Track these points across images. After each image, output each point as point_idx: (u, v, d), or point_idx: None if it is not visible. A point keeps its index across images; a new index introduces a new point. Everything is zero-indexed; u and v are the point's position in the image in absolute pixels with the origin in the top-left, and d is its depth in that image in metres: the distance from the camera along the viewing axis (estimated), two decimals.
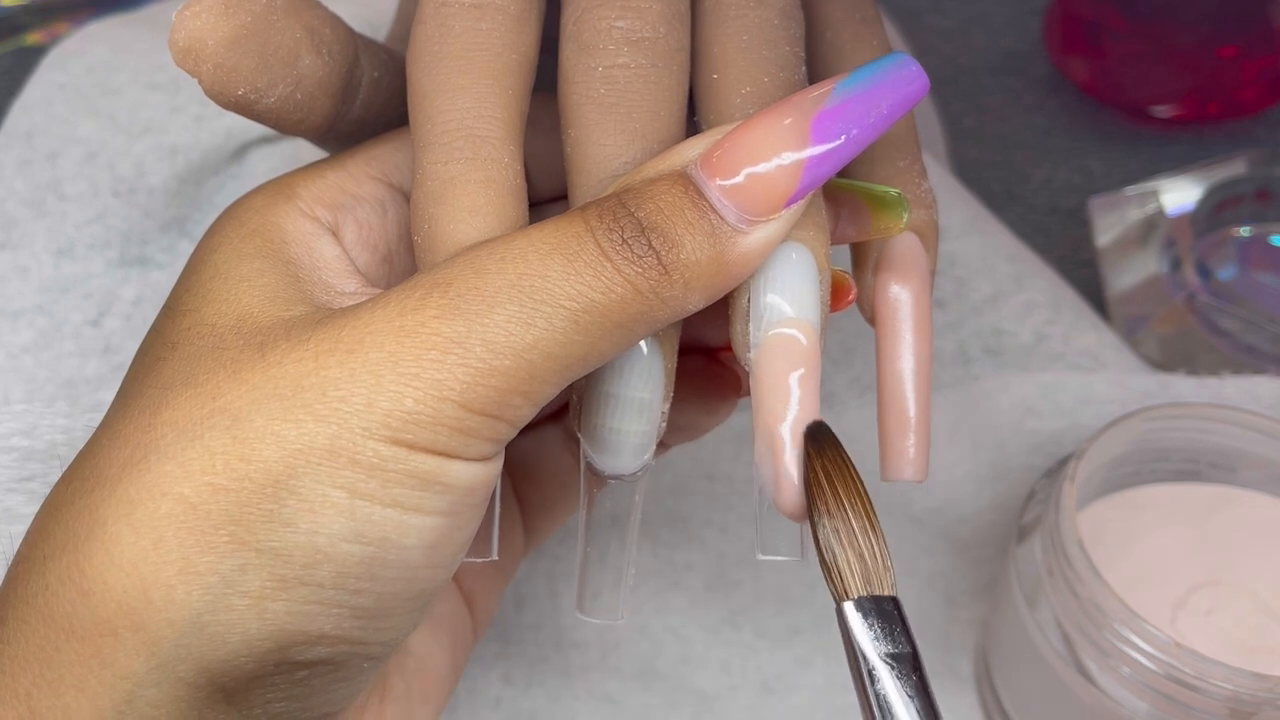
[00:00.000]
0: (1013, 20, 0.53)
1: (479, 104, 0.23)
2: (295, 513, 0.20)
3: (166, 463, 0.20)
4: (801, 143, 0.21)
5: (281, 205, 0.24)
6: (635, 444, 0.23)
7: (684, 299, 0.21)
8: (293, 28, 0.24)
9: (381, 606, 0.21)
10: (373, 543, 0.20)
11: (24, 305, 0.38)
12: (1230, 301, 0.39)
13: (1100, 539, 0.32)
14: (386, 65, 0.26)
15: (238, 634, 0.20)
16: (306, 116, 0.25)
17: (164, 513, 0.20)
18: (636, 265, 0.20)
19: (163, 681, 0.20)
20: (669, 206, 0.21)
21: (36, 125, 0.40)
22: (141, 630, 0.20)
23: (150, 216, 0.39)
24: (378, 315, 0.20)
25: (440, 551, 0.21)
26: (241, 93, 0.23)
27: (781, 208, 0.21)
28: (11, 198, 0.39)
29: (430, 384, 0.20)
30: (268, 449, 0.20)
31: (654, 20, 0.23)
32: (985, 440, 0.36)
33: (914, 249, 0.26)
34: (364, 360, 0.20)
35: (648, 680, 0.34)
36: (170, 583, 0.20)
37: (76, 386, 0.37)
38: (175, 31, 0.23)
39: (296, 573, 0.20)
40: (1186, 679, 0.27)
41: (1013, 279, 0.38)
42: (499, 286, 0.20)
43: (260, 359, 0.21)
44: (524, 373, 0.20)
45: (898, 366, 0.25)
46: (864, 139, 0.22)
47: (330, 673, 0.21)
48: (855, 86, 0.22)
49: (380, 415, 0.20)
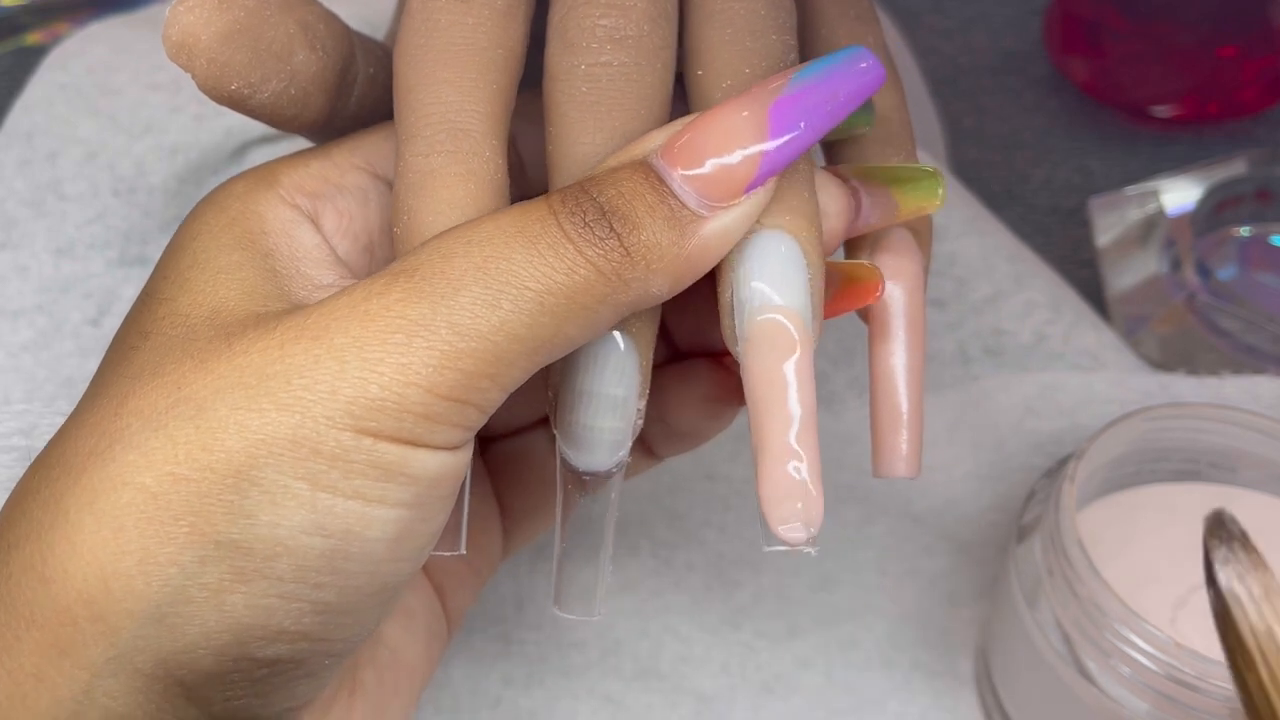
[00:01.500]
0: (1013, 20, 0.53)
1: (462, 97, 0.23)
2: (256, 504, 0.20)
3: (130, 452, 0.20)
4: (759, 131, 0.21)
5: (262, 192, 0.24)
6: (610, 441, 0.23)
7: (646, 281, 0.21)
8: (286, 23, 0.24)
9: (344, 601, 0.21)
10: (334, 535, 0.20)
11: (24, 305, 0.38)
12: (1230, 301, 0.39)
13: (1100, 539, 0.32)
14: (382, 62, 0.26)
15: (196, 626, 0.20)
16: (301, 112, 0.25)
17: (125, 502, 0.20)
18: (598, 247, 0.21)
19: (120, 672, 0.20)
20: (630, 191, 0.21)
21: (37, 125, 0.40)
22: (100, 620, 0.20)
23: (150, 216, 0.39)
24: (342, 301, 0.20)
25: (405, 545, 0.21)
26: (235, 88, 0.23)
27: (741, 193, 0.21)
28: (11, 197, 0.39)
29: (395, 368, 0.20)
30: (230, 439, 0.20)
31: (638, 18, 0.23)
32: (985, 440, 0.36)
33: (908, 245, 0.26)
34: (329, 346, 0.20)
35: (648, 680, 0.34)
36: (130, 573, 0.19)
37: (76, 385, 0.37)
38: (169, 26, 0.23)
39: (256, 565, 0.20)
40: (1187, 679, 0.27)
41: (1013, 279, 0.38)
42: (464, 269, 0.20)
43: (227, 348, 0.21)
44: (490, 355, 0.20)
45: (890, 363, 0.25)
46: (821, 127, 0.22)
47: (291, 670, 0.21)
48: (811, 76, 0.22)
49: (344, 403, 0.20)
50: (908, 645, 0.35)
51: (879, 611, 0.36)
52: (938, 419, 0.37)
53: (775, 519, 0.22)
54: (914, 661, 0.35)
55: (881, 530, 0.37)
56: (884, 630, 0.35)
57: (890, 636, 0.35)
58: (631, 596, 0.36)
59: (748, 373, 0.22)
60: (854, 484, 0.37)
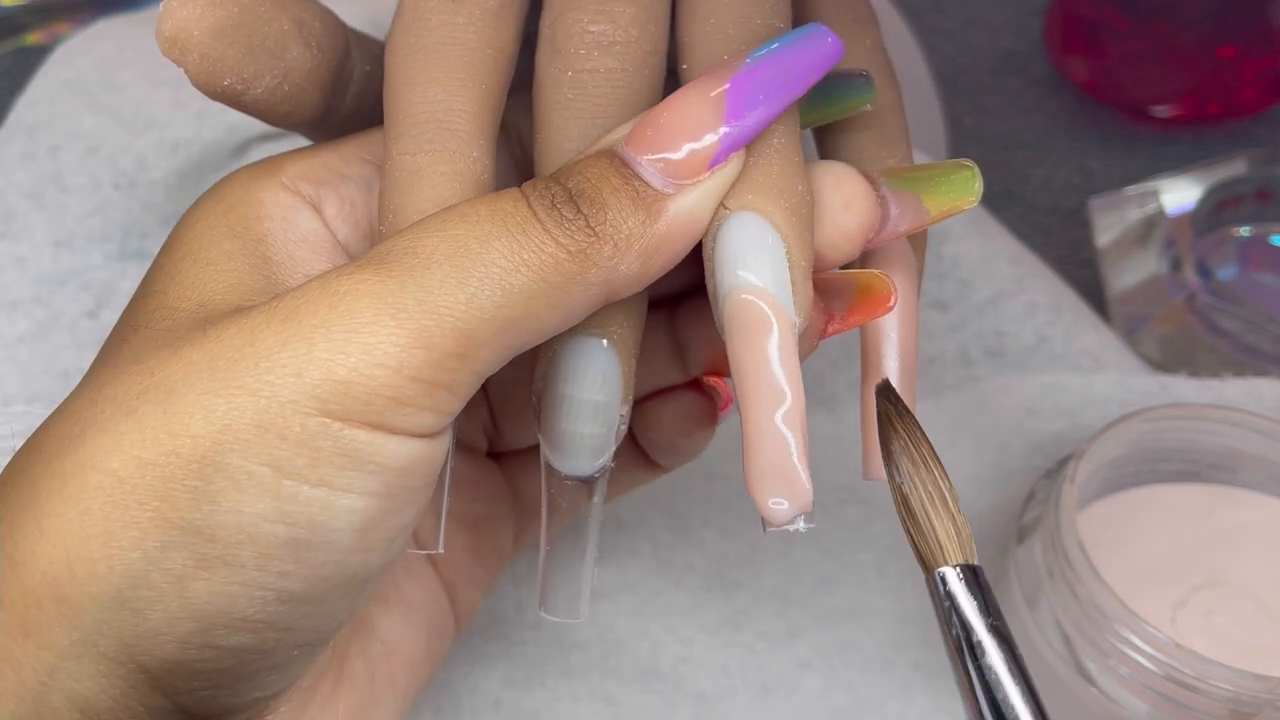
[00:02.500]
0: (1013, 20, 0.53)
1: (450, 97, 0.23)
2: (220, 490, 0.19)
3: (101, 436, 0.20)
4: (717, 109, 0.22)
5: (264, 179, 0.24)
6: (592, 446, 0.23)
7: (615, 260, 0.21)
8: (280, 19, 0.24)
9: (309, 591, 0.20)
10: (298, 524, 0.20)
11: (21, 296, 0.38)
12: (1230, 301, 0.39)
13: (1100, 539, 0.32)
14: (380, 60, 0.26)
15: (158, 611, 0.20)
16: (295, 109, 0.25)
17: (93, 486, 0.20)
18: (565, 226, 0.21)
19: (84, 655, 0.20)
20: (595, 176, 0.21)
21: (40, 119, 0.40)
22: (64, 602, 0.20)
23: (150, 210, 0.39)
24: (314, 284, 0.20)
25: (372, 535, 0.21)
26: (228, 83, 0.24)
27: (705, 170, 0.22)
28: (12, 189, 0.39)
29: (362, 348, 0.20)
30: (196, 424, 0.19)
31: (626, 24, 0.23)
32: (986, 441, 0.37)
33: (901, 248, 0.26)
34: (297, 327, 0.20)
35: (648, 681, 0.34)
36: (94, 556, 0.19)
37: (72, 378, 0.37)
38: (162, 21, 0.23)
39: (219, 552, 0.20)
40: (1186, 680, 0.27)
41: (1014, 281, 0.38)
42: (434, 248, 0.20)
43: (201, 335, 0.21)
44: (459, 333, 0.20)
45: (882, 366, 0.26)
46: (779, 102, 0.22)
47: (258, 660, 0.21)
48: (766, 53, 0.22)
49: (310, 386, 0.19)
50: (908, 646, 0.35)
51: (879, 612, 0.36)
52: (938, 420, 0.37)
53: (760, 499, 0.22)
54: (914, 662, 0.35)
55: (881, 531, 0.37)
56: (884, 631, 0.35)
57: (890, 637, 0.35)
58: (631, 597, 0.36)
59: (730, 356, 0.22)
60: (854, 485, 0.37)
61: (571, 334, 0.23)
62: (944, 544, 0.22)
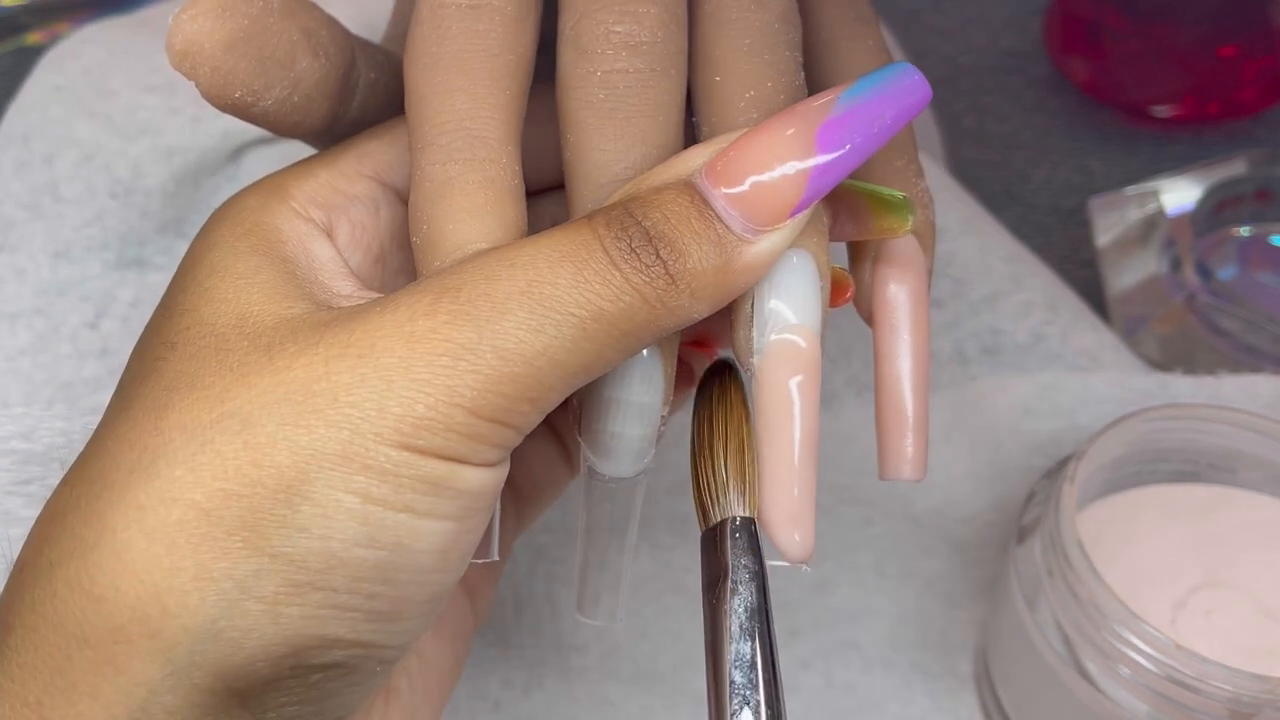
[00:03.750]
0: (1013, 20, 0.53)
1: (477, 105, 0.23)
2: (308, 518, 0.20)
3: (176, 468, 0.20)
4: (806, 152, 0.21)
5: (276, 205, 0.24)
6: (636, 448, 0.23)
7: (690, 308, 0.21)
8: (289, 30, 0.24)
9: (395, 610, 0.21)
10: (386, 547, 0.20)
11: (21, 307, 0.38)
12: (1230, 301, 0.39)
13: (1100, 540, 0.32)
14: (383, 67, 0.26)
15: (254, 639, 0.20)
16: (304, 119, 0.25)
17: (176, 519, 0.20)
18: (644, 274, 0.21)
19: (178, 688, 0.20)
20: (675, 216, 0.21)
21: (33, 127, 0.40)
22: (156, 637, 0.20)
23: (147, 218, 0.39)
24: (388, 320, 0.20)
25: (450, 555, 0.21)
26: (239, 95, 0.23)
27: (786, 217, 0.21)
28: (9, 200, 0.39)
29: (441, 390, 0.20)
30: (280, 454, 0.20)
31: (652, 24, 0.23)
32: (984, 441, 0.36)
33: (911, 248, 0.26)
34: (375, 365, 0.20)
35: (647, 683, 0.34)
36: (185, 589, 0.19)
37: (74, 388, 0.37)
38: (172, 35, 0.23)
39: (311, 578, 0.20)
40: (1186, 680, 0.27)
41: (1010, 279, 0.38)
42: (509, 293, 0.20)
43: (268, 362, 0.21)
44: (533, 380, 0.20)
45: (896, 366, 0.25)
46: (867, 149, 0.22)
47: (343, 676, 0.21)
48: (859, 96, 0.22)
49: (392, 420, 0.20)
50: (907, 647, 0.35)
51: (878, 613, 0.36)
52: (936, 419, 0.37)
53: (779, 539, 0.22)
54: (914, 663, 0.35)
55: (881, 531, 0.37)
56: (883, 632, 0.35)
57: (890, 638, 0.35)
58: (631, 599, 0.35)
59: (760, 387, 0.22)
60: (853, 485, 0.37)
61: None
62: (730, 496, 0.23)
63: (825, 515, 0.37)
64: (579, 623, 0.35)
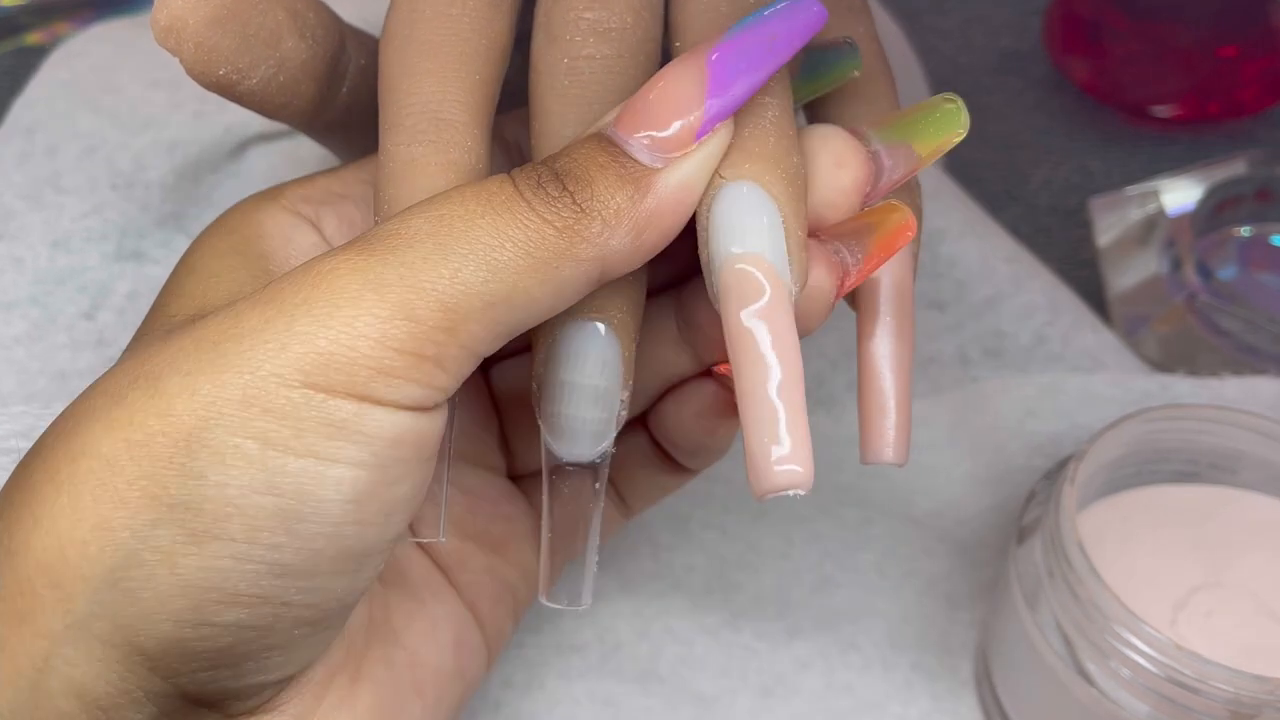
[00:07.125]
0: (1013, 20, 0.53)
1: (444, 88, 0.23)
2: (205, 464, 0.20)
3: (95, 425, 0.20)
4: (699, 75, 0.21)
5: (265, 204, 0.24)
6: (592, 431, 0.23)
7: (605, 236, 0.21)
8: (275, 10, 0.24)
9: (303, 564, 0.20)
10: (287, 494, 0.20)
11: (18, 296, 0.38)
12: (1230, 301, 0.39)
13: (1100, 540, 0.32)
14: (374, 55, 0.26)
15: (150, 590, 0.20)
16: (290, 100, 0.25)
17: (83, 471, 0.20)
18: (551, 205, 0.21)
19: (79, 640, 0.20)
20: (583, 155, 0.21)
21: (38, 120, 0.40)
22: (57, 587, 0.20)
23: (147, 211, 0.39)
24: (299, 268, 0.21)
25: (365, 507, 0.21)
26: (223, 73, 0.24)
27: (691, 142, 0.21)
28: (9, 190, 0.39)
29: (344, 321, 0.20)
30: (181, 403, 0.20)
31: (621, 10, 0.23)
32: (985, 442, 0.36)
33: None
34: (279, 306, 0.20)
35: (647, 683, 0.34)
36: (85, 539, 0.20)
37: (69, 379, 0.37)
38: (157, 10, 0.23)
39: (207, 526, 0.20)
40: (1187, 681, 0.27)
41: (1012, 281, 0.38)
42: (419, 228, 0.20)
43: (190, 325, 0.21)
44: (443, 306, 0.20)
45: (877, 350, 0.25)
46: (763, 70, 0.22)
47: (255, 638, 0.21)
48: (748, 23, 0.22)
49: (292, 358, 0.20)
50: (908, 647, 0.35)
51: (879, 613, 0.36)
52: (937, 421, 0.37)
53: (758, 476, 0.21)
54: (914, 663, 0.35)
55: (881, 532, 0.37)
56: (884, 632, 0.35)
57: (890, 638, 0.35)
58: (631, 599, 0.35)
59: (725, 328, 0.22)
60: (853, 485, 0.37)
61: (570, 319, 0.23)
62: None
63: (826, 515, 0.37)
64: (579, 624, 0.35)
